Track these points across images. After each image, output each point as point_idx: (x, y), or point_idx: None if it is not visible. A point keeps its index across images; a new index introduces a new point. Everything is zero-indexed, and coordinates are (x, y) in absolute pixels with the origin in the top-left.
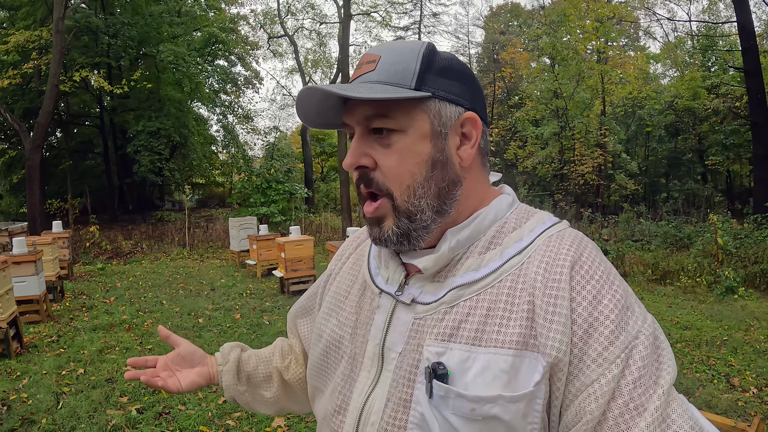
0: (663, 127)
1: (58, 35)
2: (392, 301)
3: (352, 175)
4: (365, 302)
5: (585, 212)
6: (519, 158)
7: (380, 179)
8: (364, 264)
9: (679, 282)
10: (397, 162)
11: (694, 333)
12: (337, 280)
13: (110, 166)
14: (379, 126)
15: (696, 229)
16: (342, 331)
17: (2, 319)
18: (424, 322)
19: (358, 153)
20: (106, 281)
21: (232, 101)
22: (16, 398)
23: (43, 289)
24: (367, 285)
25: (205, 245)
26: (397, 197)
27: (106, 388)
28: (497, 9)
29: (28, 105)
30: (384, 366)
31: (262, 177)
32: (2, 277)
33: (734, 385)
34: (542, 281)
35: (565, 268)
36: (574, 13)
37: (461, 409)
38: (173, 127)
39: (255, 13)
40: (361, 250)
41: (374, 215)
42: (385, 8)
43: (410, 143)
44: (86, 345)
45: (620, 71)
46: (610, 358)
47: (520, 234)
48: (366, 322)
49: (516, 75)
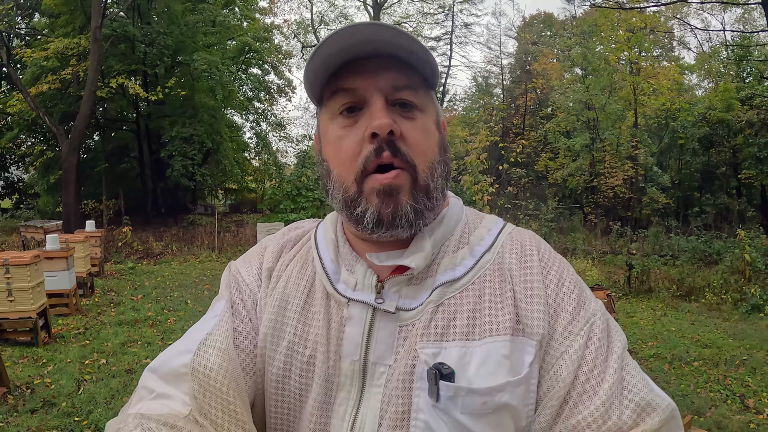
0: (696, 140)
1: (96, 43)
2: (367, 310)
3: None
4: (332, 314)
5: (614, 226)
6: (550, 170)
7: (405, 150)
8: (315, 268)
9: (704, 299)
10: (423, 137)
11: (713, 351)
12: (276, 291)
13: (145, 170)
14: (407, 98)
15: (725, 244)
16: (310, 350)
17: (32, 309)
18: (411, 328)
19: (391, 117)
20: (135, 280)
21: (265, 109)
22: (40, 383)
23: (73, 284)
24: (330, 294)
25: (234, 249)
26: (420, 171)
27: (124, 378)
28: (530, 19)
29: (66, 109)
30: (368, 382)
31: (292, 184)
32: (34, 270)
33: (748, 406)
34: (517, 270)
35: (534, 257)
36: (605, 23)
37: (471, 405)
38: (206, 133)
39: (288, 23)
40: (301, 254)
41: (393, 183)
42: (417, 19)
43: (428, 123)
44: (110, 338)
45: (653, 82)
46: (574, 331)
47: (481, 234)
48: (336, 336)
49: (548, 86)
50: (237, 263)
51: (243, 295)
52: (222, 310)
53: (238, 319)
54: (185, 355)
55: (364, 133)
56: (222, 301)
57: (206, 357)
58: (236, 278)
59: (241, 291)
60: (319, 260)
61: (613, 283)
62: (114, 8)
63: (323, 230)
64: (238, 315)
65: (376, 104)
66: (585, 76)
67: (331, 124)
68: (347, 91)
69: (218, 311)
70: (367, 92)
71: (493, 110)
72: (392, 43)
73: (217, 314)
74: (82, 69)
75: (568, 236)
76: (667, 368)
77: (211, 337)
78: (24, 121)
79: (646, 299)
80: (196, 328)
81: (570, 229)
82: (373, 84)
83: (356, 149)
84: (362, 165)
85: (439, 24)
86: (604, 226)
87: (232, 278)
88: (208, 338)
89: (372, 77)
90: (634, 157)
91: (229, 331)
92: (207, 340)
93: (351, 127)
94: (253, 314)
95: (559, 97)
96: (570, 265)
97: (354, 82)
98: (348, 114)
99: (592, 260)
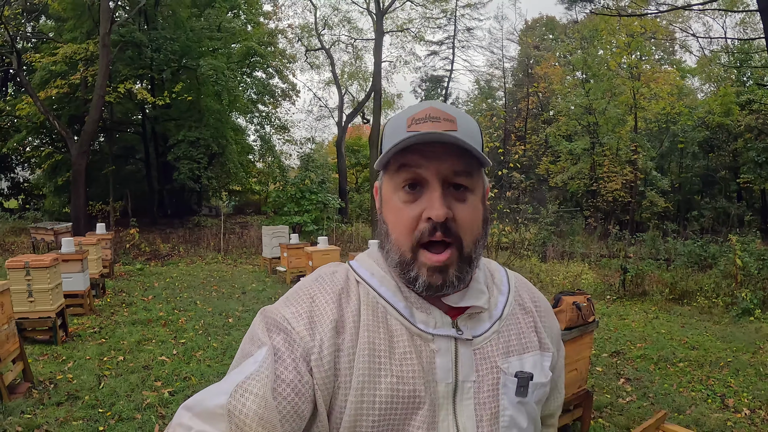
0: (696, 144)
1: (105, 49)
2: (451, 342)
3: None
4: (421, 350)
5: (612, 230)
6: (551, 173)
7: (455, 229)
8: (387, 312)
9: (696, 302)
10: (471, 216)
11: (700, 353)
12: (362, 341)
13: (151, 172)
14: (462, 182)
15: (721, 249)
16: (411, 384)
17: (51, 309)
18: (482, 350)
19: (446, 204)
20: (145, 281)
21: (269, 112)
22: (62, 378)
23: (87, 285)
24: (413, 333)
25: (239, 251)
26: (465, 246)
27: (142, 374)
28: (532, 23)
29: (74, 112)
30: (458, 398)
31: (296, 187)
32: (53, 272)
33: (728, 405)
34: (533, 305)
35: (538, 294)
36: (606, 28)
37: (539, 395)
38: (212, 137)
39: (292, 27)
40: (367, 302)
41: (444, 263)
42: (420, 23)
43: (476, 202)
44: (126, 336)
45: (653, 86)
46: (557, 345)
47: (500, 277)
48: (429, 367)
49: (549, 90)
50: (280, 310)
51: (292, 345)
52: (263, 356)
53: (282, 366)
54: (221, 396)
55: (422, 212)
56: (264, 348)
57: (242, 401)
58: (283, 326)
59: (290, 340)
60: (390, 305)
61: (609, 286)
62: (121, 12)
63: (372, 276)
64: (282, 362)
65: (436, 190)
66: (586, 80)
67: (395, 195)
68: (412, 168)
69: (259, 357)
70: (429, 175)
71: (492, 117)
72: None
73: (257, 360)
74: (90, 73)
75: (566, 240)
76: (653, 368)
77: (249, 381)
78: (32, 123)
79: (639, 302)
80: (235, 372)
81: (569, 232)
82: (435, 168)
83: (413, 224)
84: (417, 239)
85: (442, 28)
86: (603, 230)
87: (275, 325)
88: (246, 381)
89: (435, 162)
90: (634, 162)
91: (269, 378)
92: (244, 384)
93: (411, 203)
94: (301, 364)
95: (560, 102)
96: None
97: (419, 162)
98: (410, 190)
99: (589, 263)
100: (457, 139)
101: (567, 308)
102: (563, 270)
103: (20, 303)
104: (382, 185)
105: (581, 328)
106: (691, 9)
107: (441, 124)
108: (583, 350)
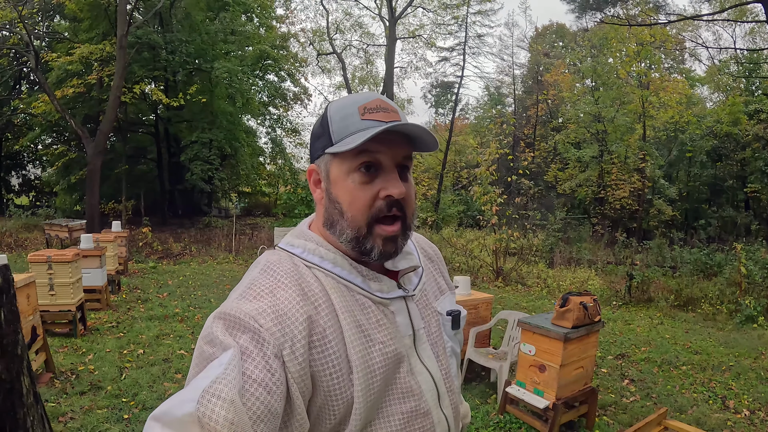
0: (704, 153)
1: (122, 51)
2: (402, 301)
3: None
4: (386, 314)
5: (619, 237)
6: (559, 180)
7: (404, 205)
8: (354, 293)
9: (701, 309)
10: (412, 193)
11: (702, 357)
12: (342, 318)
13: (162, 172)
14: (408, 164)
15: (726, 257)
16: (391, 346)
17: (72, 303)
18: (421, 301)
19: (401, 183)
20: (159, 279)
21: (280, 115)
22: (83, 369)
23: (105, 281)
24: (376, 301)
25: (250, 251)
26: (408, 218)
27: (163, 366)
28: (542, 30)
29: (89, 112)
30: (418, 344)
31: (307, 190)
32: (74, 267)
33: (728, 406)
34: (434, 254)
35: (432, 244)
36: (615, 36)
37: (462, 324)
38: (225, 139)
39: (305, 32)
40: (330, 285)
41: (396, 233)
42: (431, 29)
43: (412, 180)
44: (144, 331)
45: (662, 95)
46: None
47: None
48: (395, 327)
49: (559, 97)
50: (241, 308)
51: (262, 343)
52: (228, 358)
53: (252, 365)
54: (189, 404)
55: (378, 192)
56: (229, 351)
57: (210, 408)
58: (249, 325)
59: (258, 338)
60: (350, 283)
61: (615, 293)
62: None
63: (323, 259)
64: (251, 361)
65: (393, 172)
66: (595, 88)
67: (349, 176)
68: (372, 153)
69: (224, 360)
70: (385, 159)
71: (503, 124)
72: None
73: (223, 363)
74: (106, 73)
75: (574, 246)
76: (656, 371)
77: (215, 386)
78: (46, 122)
79: (645, 308)
80: (200, 378)
81: (576, 239)
82: (391, 154)
83: (370, 202)
84: (374, 215)
85: (453, 35)
86: (610, 237)
87: (238, 324)
88: (213, 386)
89: (392, 148)
90: (642, 170)
91: (237, 379)
92: (211, 389)
93: (367, 183)
94: (273, 360)
95: (569, 109)
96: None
97: (379, 148)
98: (366, 171)
99: (596, 270)
100: (421, 129)
101: (574, 307)
102: (570, 276)
103: (42, 296)
104: (329, 167)
105: (587, 327)
106: (700, 19)
107: (391, 115)
108: (588, 349)
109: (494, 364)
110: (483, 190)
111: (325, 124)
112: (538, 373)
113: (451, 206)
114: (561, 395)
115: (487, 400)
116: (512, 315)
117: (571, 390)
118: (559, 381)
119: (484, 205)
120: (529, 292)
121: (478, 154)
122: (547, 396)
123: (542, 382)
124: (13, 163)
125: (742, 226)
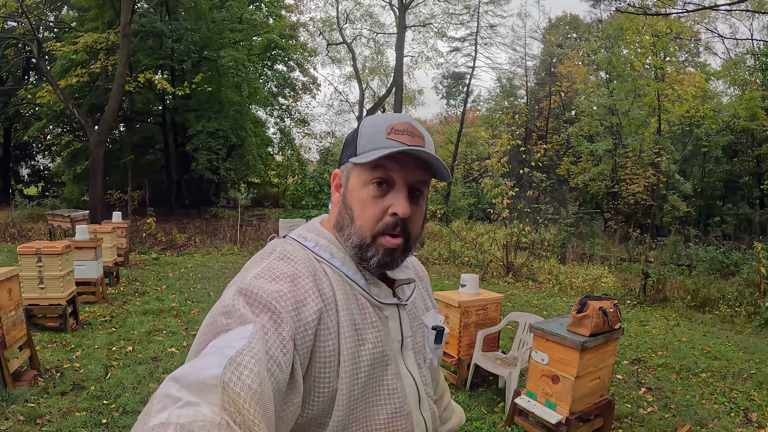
0: (720, 148)
1: (125, 39)
2: (395, 308)
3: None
4: (380, 317)
5: (633, 233)
6: (571, 174)
7: (409, 227)
8: (356, 293)
9: (718, 310)
10: (420, 218)
11: (722, 364)
12: (341, 314)
13: (169, 162)
14: (421, 189)
15: (744, 256)
16: (381, 347)
17: (62, 297)
18: (411, 312)
19: (409, 205)
20: (159, 270)
21: (289, 105)
22: (69, 367)
23: (100, 274)
24: (373, 304)
25: (255, 243)
26: (412, 240)
27: (150, 365)
28: (556, 21)
29: (94, 101)
30: (404, 350)
31: (315, 181)
32: (65, 260)
33: (751, 420)
34: (423, 273)
35: (420, 264)
36: (631, 27)
37: (444, 339)
38: (231, 128)
39: (314, 21)
40: (337, 283)
41: (397, 246)
42: (442, 19)
43: (424, 206)
44: (136, 326)
45: (678, 88)
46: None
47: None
48: (386, 331)
49: (572, 89)
50: (262, 286)
51: (280, 325)
52: (251, 332)
53: (270, 344)
54: (215, 368)
55: (387, 208)
56: (250, 325)
57: (237, 374)
58: (270, 305)
59: (277, 319)
60: (354, 282)
61: (629, 291)
62: (142, 3)
63: (333, 257)
64: (269, 340)
65: (403, 192)
66: (609, 80)
67: (364, 187)
68: (387, 170)
69: (246, 333)
70: (398, 178)
71: (515, 114)
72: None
73: (245, 336)
74: (111, 63)
75: (586, 241)
76: (674, 378)
77: (242, 356)
78: (52, 112)
79: (660, 308)
80: (218, 345)
81: (589, 234)
82: (404, 175)
83: (379, 216)
84: (380, 229)
85: (464, 25)
86: (623, 233)
87: (260, 302)
88: (240, 356)
89: (406, 169)
90: (657, 164)
91: (263, 354)
92: (238, 357)
93: (379, 198)
94: (288, 343)
95: (582, 101)
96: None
97: (394, 167)
98: (378, 186)
99: (609, 267)
100: (435, 158)
101: (593, 314)
102: (583, 273)
103: (31, 289)
104: (349, 175)
105: (606, 335)
106: (718, 9)
107: (415, 140)
108: (606, 358)
109: (503, 371)
110: (494, 183)
111: (356, 135)
112: (550, 384)
113: (462, 199)
114: (575, 409)
115: (494, 409)
116: (523, 317)
117: (587, 403)
118: (574, 394)
119: (495, 198)
120: (540, 289)
121: (489, 146)
122: (560, 410)
123: (555, 394)
124: (22, 153)
125: (758, 225)
